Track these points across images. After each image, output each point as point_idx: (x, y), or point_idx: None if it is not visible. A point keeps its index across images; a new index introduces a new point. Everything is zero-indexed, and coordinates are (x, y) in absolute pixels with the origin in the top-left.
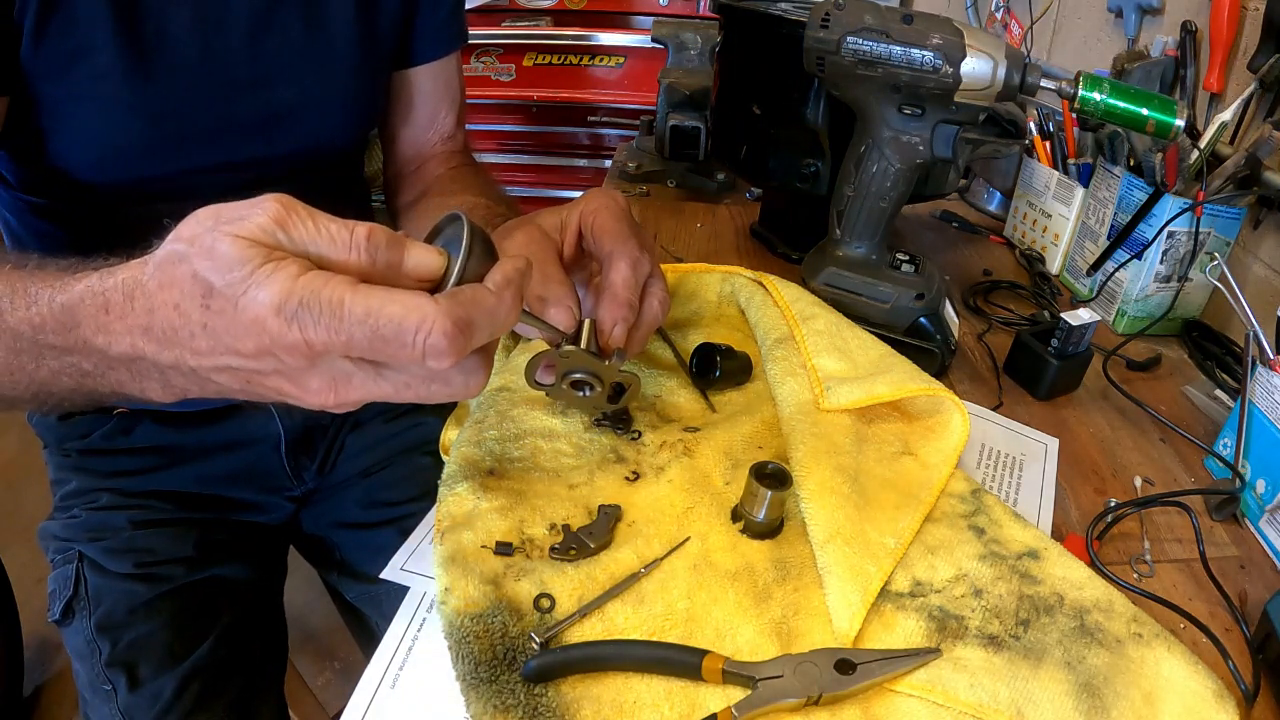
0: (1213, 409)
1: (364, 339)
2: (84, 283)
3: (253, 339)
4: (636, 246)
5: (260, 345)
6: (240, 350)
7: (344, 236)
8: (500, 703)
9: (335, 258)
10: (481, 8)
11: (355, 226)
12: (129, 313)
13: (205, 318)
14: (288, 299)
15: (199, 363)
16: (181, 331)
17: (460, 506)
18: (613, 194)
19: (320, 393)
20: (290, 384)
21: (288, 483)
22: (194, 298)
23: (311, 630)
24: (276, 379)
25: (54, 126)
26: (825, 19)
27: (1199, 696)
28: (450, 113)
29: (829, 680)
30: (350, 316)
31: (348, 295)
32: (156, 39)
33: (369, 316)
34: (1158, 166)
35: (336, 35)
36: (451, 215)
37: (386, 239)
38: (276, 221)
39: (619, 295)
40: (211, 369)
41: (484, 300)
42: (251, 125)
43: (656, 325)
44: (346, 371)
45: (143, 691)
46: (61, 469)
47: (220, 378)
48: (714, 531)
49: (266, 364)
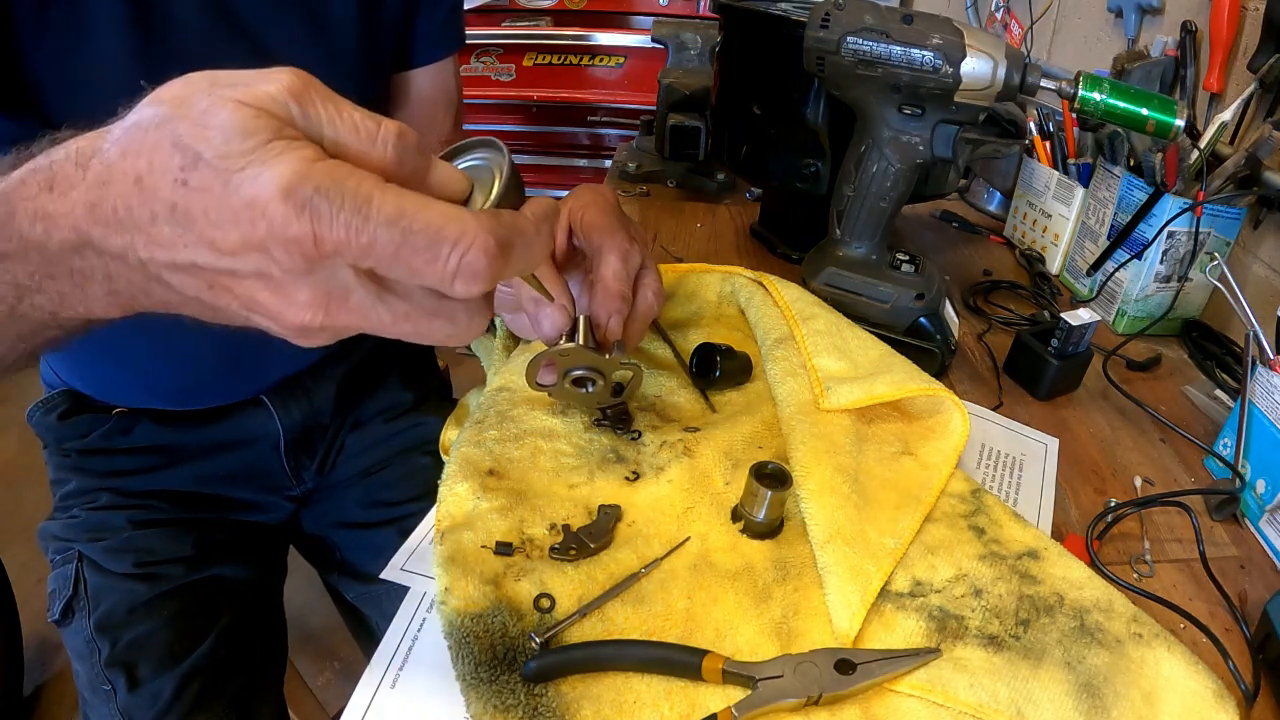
0: (1213, 409)
1: (390, 244)
2: (27, 165)
3: (240, 228)
4: (625, 239)
5: (249, 237)
6: (217, 243)
7: (370, 127)
8: (500, 703)
9: (356, 149)
10: (481, 8)
11: (384, 119)
12: (77, 184)
13: (178, 195)
14: (302, 182)
15: (152, 255)
16: (138, 211)
17: (460, 506)
18: (600, 189)
19: (306, 308)
20: (271, 293)
21: (287, 482)
22: (167, 170)
23: (311, 630)
24: (254, 284)
25: (56, 111)
26: (825, 19)
27: (1199, 696)
28: (448, 115)
29: (829, 680)
30: (379, 214)
31: (376, 189)
32: (162, 26)
33: (401, 217)
34: (1158, 166)
35: (338, 33)
36: (481, 140)
37: (416, 142)
38: (292, 93)
39: (611, 288)
40: (167, 264)
41: (524, 228)
42: None
43: (652, 315)
44: (345, 286)
45: (142, 691)
46: (61, 469)
47: (176, 278)
48: (714, 531)
49: (249, 263)
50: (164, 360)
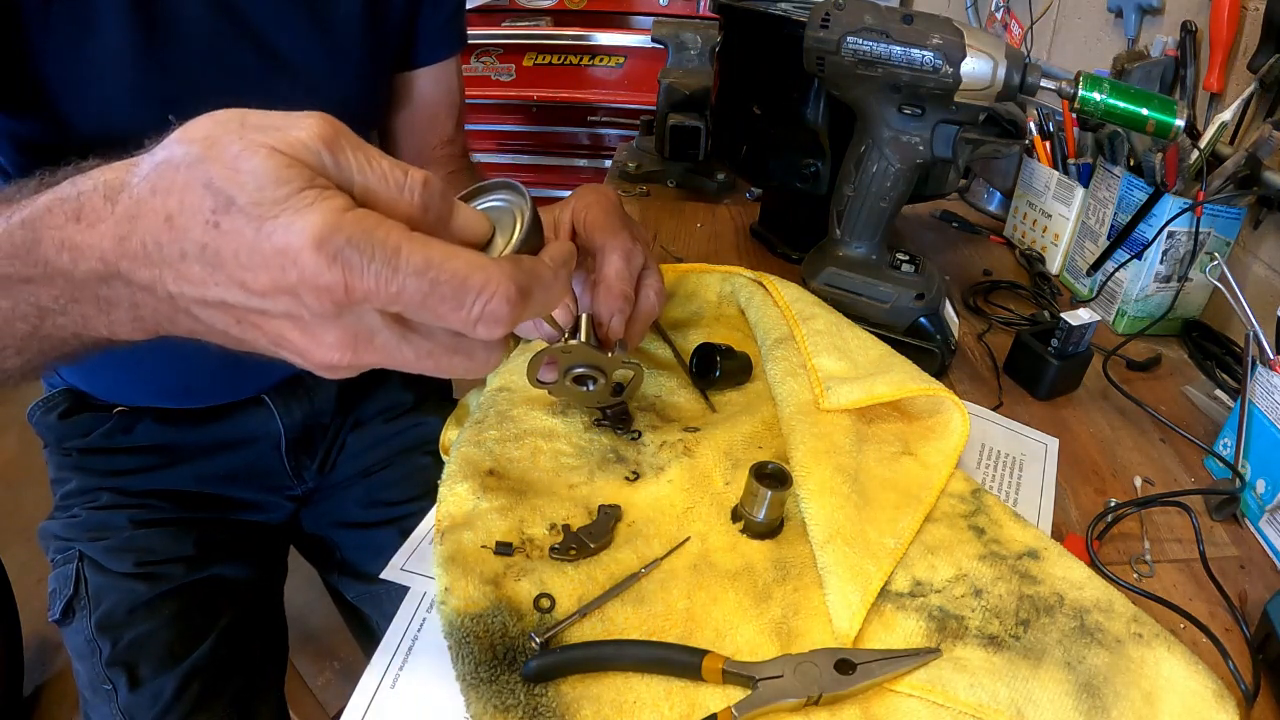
0: (1213, 409)
1: (417, 293)
2: (52, 193)
3: (271, 273)
4: (629, 238)
5: (279, 282)
6: (248, 284)
7: (397, 176)
8: (500, 703)
9: (385, 197)
10: (481, 8)
11: (410, 168)
12: (105, 217)
13: (209, 237)
14: (334, 233)
15: (182, 290)
16: (169, 249)
17: (460, 506)
18: (603, 189)
19: (334, 349)
20: (300, 333)
21: (288, 482)
22: (198, 211)
23: (311, 630)
24: (283, 324)
25: (59, 108)
26: (825, 19)
27: (1199, 696)
28: (450, 116)
29: (829, 680)
30: (408, 264)
31: (404, 240)
32: (167, 24)
33: (429, 268)
34: (1158, 166)
35: (343, 33)
36: (502, 182)
37: (441, 189)
38: (324, 141)
39: (614, 287)
40: (196, 300)
41: (544, 274)
42: None
43: (653, 315)
44: (371, 328)
45: (143, 691)
46: (61, 468)
47: (204, 312)
48: (714, 531)
49: (279, 304)
50: (165, 359)
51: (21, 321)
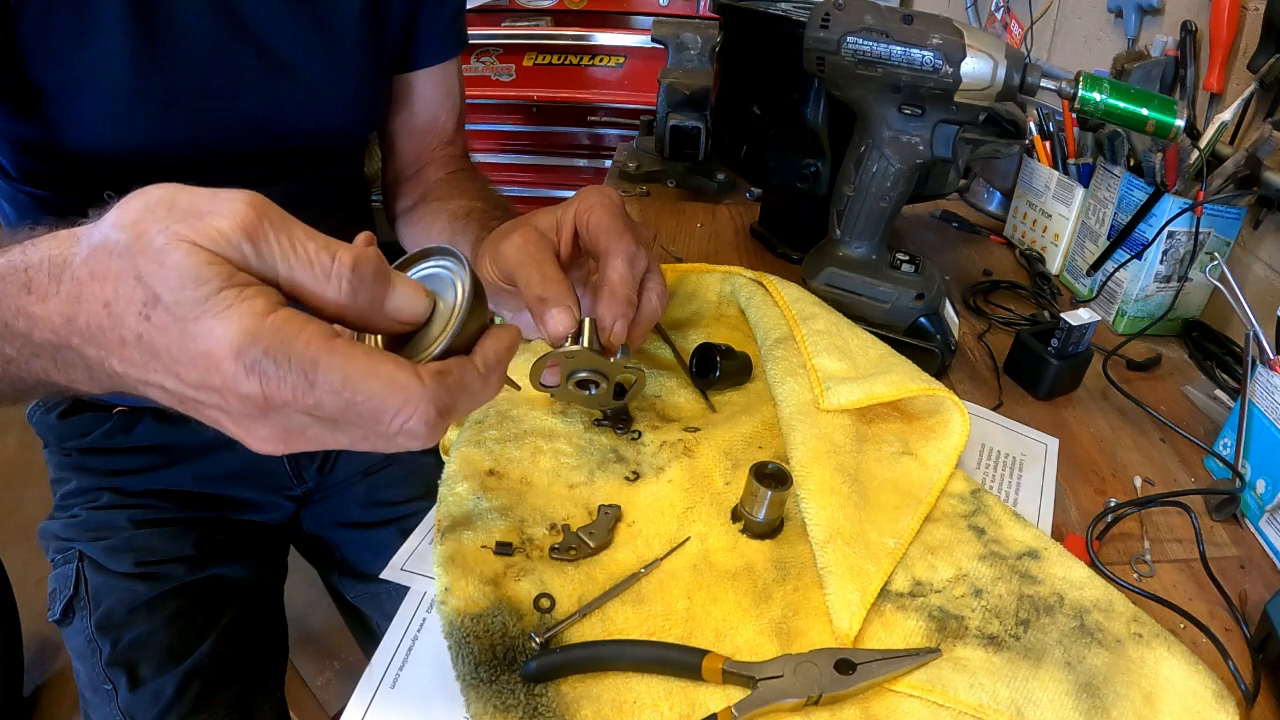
0: (1213, 409)
1: (334, 409)
2: (5, 257)
3: (199, 372)
4: (632, 242)
5: (206, 381)
6: (181, 376)
7: (324, 262)
8: (500, 703)
9: (311, 287)
10: (481, 8)
11: (339, 251)
12: (52, 295)
13: (142, 328)
14: (251, 344)
15: (126, 371)
16: (109, 334)
17: (460, 506)
18: (607, 191)
19: (267, 441)
20: (233, 424)
21: (288, 482)
22: (131, 302)
23: (311, 630)
24: (217, 414)
25: (58, 111)
26: (825, 19)
27: (1199, 696)
28: (450, 117)
29: (829, 680)
30: (323, 383)
31: (323, 356)
32: (167, 26)
33: (346, 386)
34: (1158, 166)
35: (344, 34)
36: (443, 248)
37: (373, 271)
38: (245, 232)
39: (617, 292)
40: (139, 381)
41: (470, 384)
42: (259, 119)
43: (655, 320)
44: (300, 425)
45: (143, 691)
46: (61, 468)
47: (148, 390)
48: (714, 531)
49: (209, 398)
50: None
51: None
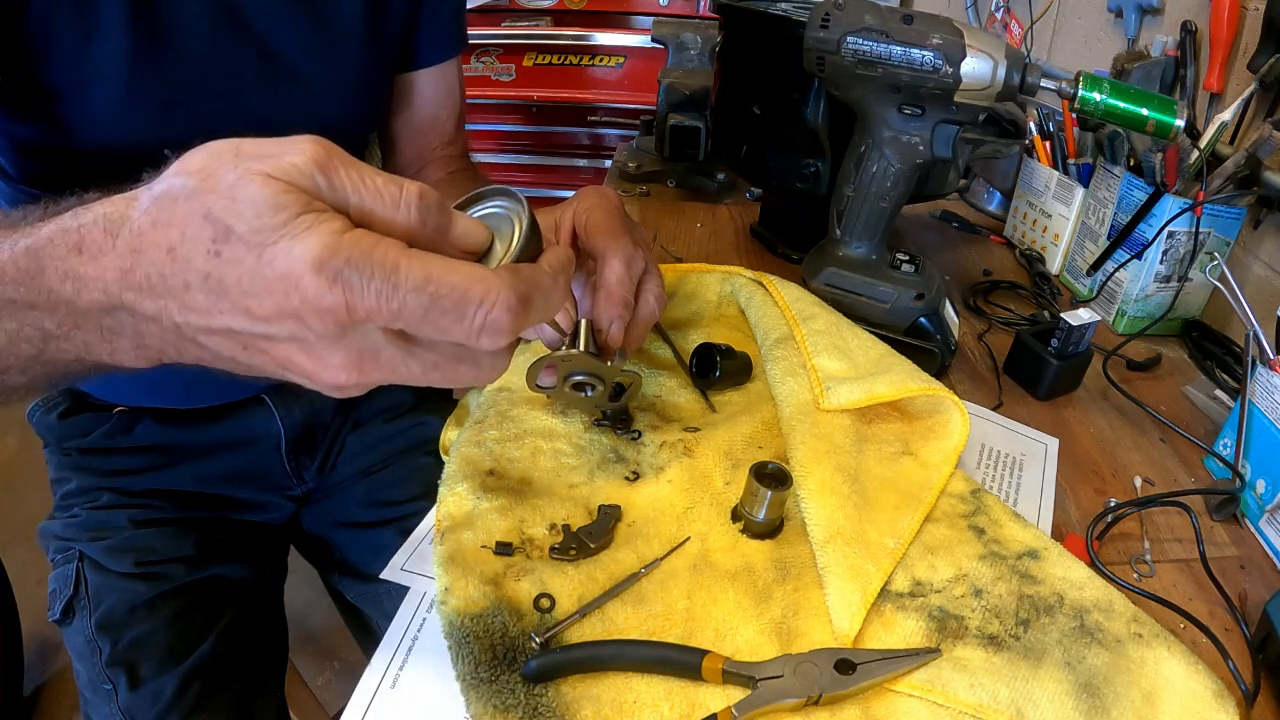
0: (1213, 409)
1: (419, 308)
2: (54, 223)
3: (275, 298)
4: (630, 243)
5: (283, 306)
6: (253, 310)
7: (393, 192)
8: (500, 703)
9: (381, 214)
10: (481, 8)
11: (405, 182)
12: (107, 251)
13: (211, 266)
14: (332, 255)
15: (187, 320)
16: (173, 280)
17: (460, 506)
18: (606, 191)
19: (341, 369)
20: (306, 355)
21: (288, 482)
22: (199, 242)
23: (311, 630)
24: (289, 347)
25: (61, 112)
26: (825, 19)
27: (1199, 696)
28: (451, 117)
29: (829, 680)
30: (407, 281)
31: (402, 258)
32: (169, 27)
33: (428, 283)
34: (1158, 166)
35: (344, 34)
36: (499, 188)
37: (437, 200)
38: (317, 164)
39: (614, 293)
40: (202, 329)
41: (543, 281)
42: (261, 120)
43: (653, 321)
44: (376, 346)
45: (143, 691)
46: (62, 468)
47: (211, 340)
48: (714, 531)
49: (283, 329)
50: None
51: (26, 344)
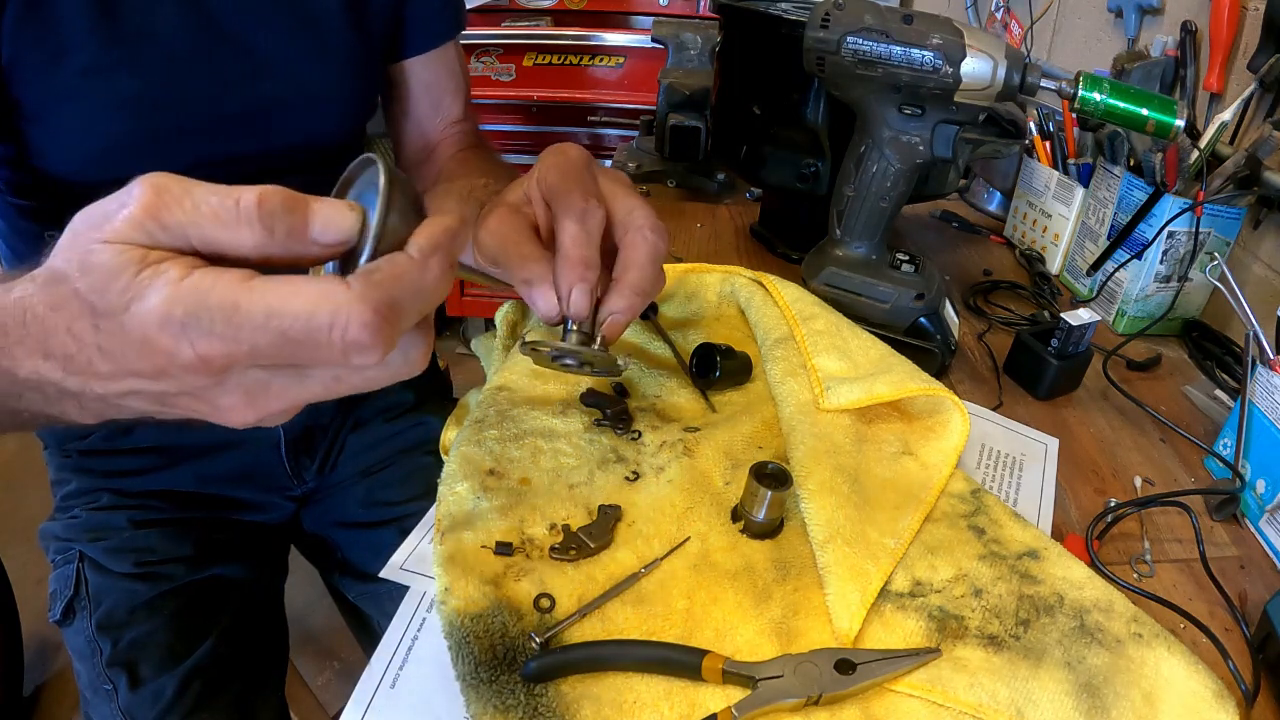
0: (1213, 409)
1: (269, 345)
2: None
3: (146, 360)
4: (580, 197)
5: (156, 366)
6: (140, 373)
7: (229, 209)
8: (500, 703)
9: (224, 237)
10: (481, 8)
11: (240, 194)
12: (25, 337)
13: (99, 339)
14: (170, 310)
15: (105, 389)
16: (79, 357)
17: (460, 506)
18: (563, 148)
19: (236, 410)
20: (201, 403)
21: (288, 482)
22: (83, 318)
23: (312, 630)
24: (185, 400)
25: (36, 129)
26: (825, 19)
27: (1199, 696)
28: (454, 100)
29: (829, 680)
30: (248, 321)
31: (240, 295)
32: (139, 36)
33: (270, 318)
34: (1158, 166)
35: (326, 27)
36: (364, 159)
37: (282, 201)
38: (147, 211)
39: (570, 255)
40: (118, 394)
41: (406, 274)
42: (242, 120)
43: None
44: (262, 381)
45: (144, 691)
46: (62, 469)
47: (130, 401)
48: (714, 531)
49: (169, 385)
50: None
51: None
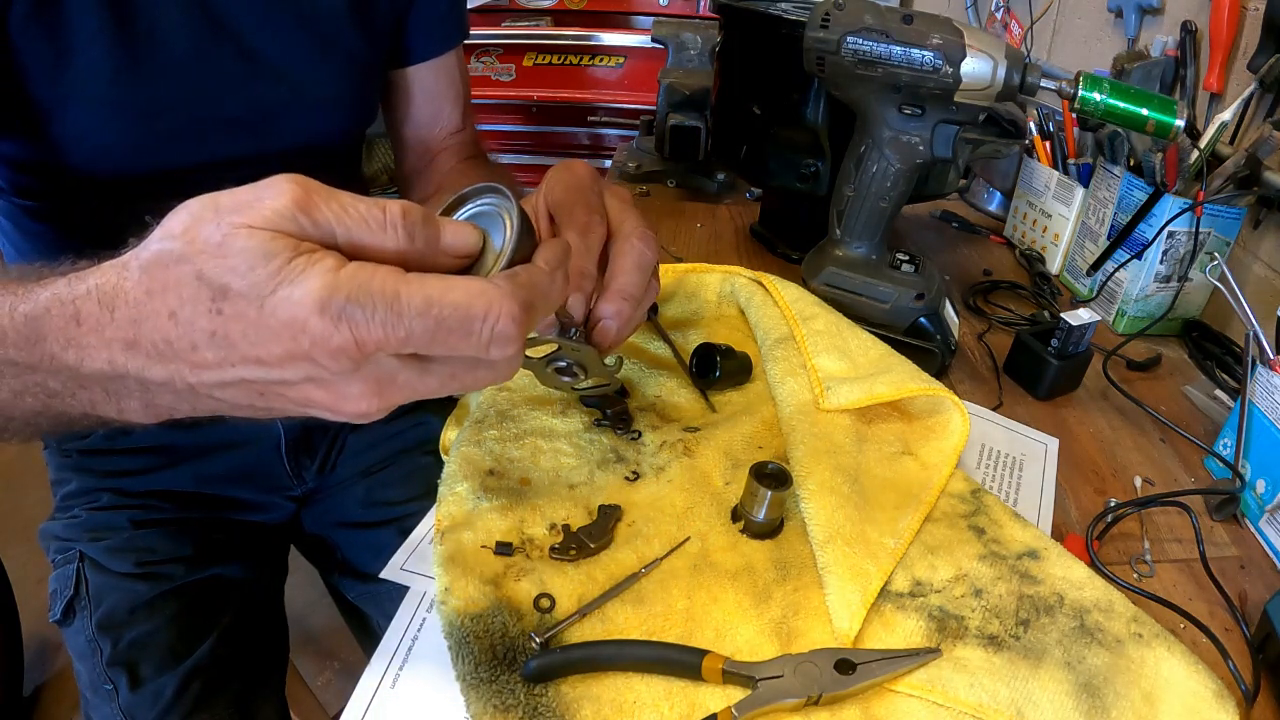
0: (1213, 409)
1: (425, 332)
2: (50, 290)
3: (284, 344)
4: (584, 213)
5: (293, 351)
6: (264, 359)
7: (376, 216)
8: (500, 703)
9: (369, 241)
10: (481, 8)
11: (387, 204)
12: (106, 324)
13: (215, 324)
14: (333, 294)
15: (201, 378)
16: (179, 343)
17: (460, 506)
18: (570, 164)
19: (361, 399)
20: (324, 391)
21: (288, 482)
22: (199, 302)
23: (312, 630)
24: (307, 388)
25: (43, 128)
26: (825, 19)
27: (1199, 696)
28: (455, 108)
29: (829, 680)
30: (409, 309)
31: (400, 285)
32: (147, 37)
33: (430, 307)
34: (1158, 166)
35: (330, 31)
36: (485, 185)
37: (422, 215)
38: (297, 205)
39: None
40: (215, 384)
41: (541, 282)
42: (245, 123)
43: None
44: (391, 371)
45: (144, 690)
46: (62, 469)
47: (226, 393)
48: (714, 531)
49: (297, 371)
50: None
51: (31, 398)
